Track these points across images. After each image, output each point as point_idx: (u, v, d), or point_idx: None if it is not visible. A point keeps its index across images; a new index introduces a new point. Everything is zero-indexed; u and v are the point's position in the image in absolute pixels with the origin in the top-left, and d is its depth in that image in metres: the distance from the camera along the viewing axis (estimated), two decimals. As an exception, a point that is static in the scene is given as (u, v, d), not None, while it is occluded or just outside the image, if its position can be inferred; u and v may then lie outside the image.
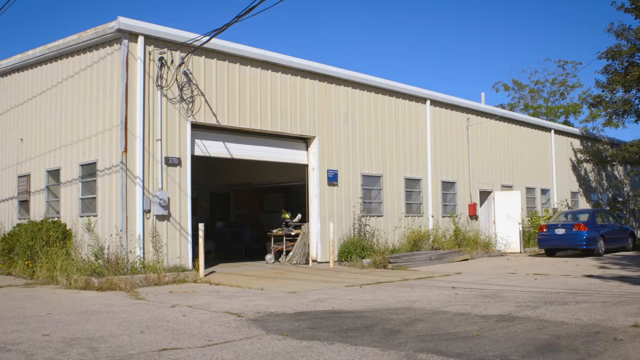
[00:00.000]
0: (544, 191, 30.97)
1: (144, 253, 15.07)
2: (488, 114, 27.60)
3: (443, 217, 24.29)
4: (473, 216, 25.78)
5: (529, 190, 29.86)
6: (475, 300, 11.15)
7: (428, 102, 24.16)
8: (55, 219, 17.35)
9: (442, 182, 24.54)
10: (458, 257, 21.60)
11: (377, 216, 21.58)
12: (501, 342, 7.39)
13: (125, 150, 15.03)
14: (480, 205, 26.59)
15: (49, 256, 15.41)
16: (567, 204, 32.03)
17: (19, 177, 19.85)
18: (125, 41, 15.22)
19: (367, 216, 20.99)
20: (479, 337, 7.68)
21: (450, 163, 25.10)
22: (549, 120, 40.55)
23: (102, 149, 16.01)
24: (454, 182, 25.15)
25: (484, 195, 26.94)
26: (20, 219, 19.34)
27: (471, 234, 24.47)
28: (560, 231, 23.06)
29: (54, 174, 18.11)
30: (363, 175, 21.18)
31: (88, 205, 16.56)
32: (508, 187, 27.95)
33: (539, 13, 79.33)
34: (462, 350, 6.98)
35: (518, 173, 29.12)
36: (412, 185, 23.27)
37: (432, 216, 23.73)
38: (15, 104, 20.40)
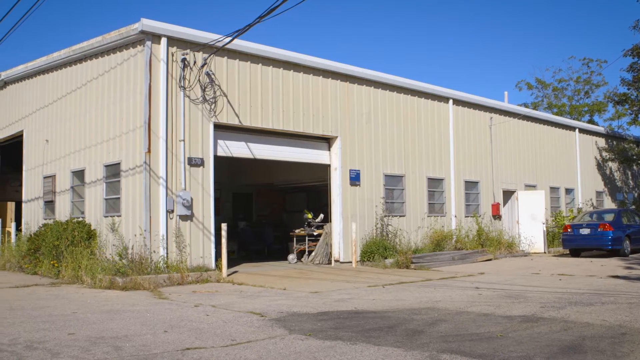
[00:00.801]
0: (569, 191, 30.67)
1: (167, 253, 15.17)
2: (511, 113, 27.39)
3: (466, 217, 24.15)
4: (496, 216, 25.61)
5: (553, 189, 29.58)
6: (499, 301, 11.07)
7: (450, 101, 24.04)
8: (80, 219, 17.52)
9: (465, 181, 24.41)
10: (481, 257, 21.46)
11: (400, 216, 21.51)
12: (525, 343, 7.33)
13: (149, 151, 15.14)
14: (504, 205, 26.40)
15: (74, 256, 15.57)
16: (592, 203, 31.68)
17: (45, 177, 20.08)
18: (149, 43, 15.33)
19: (389, 216, 20.94)
20: (502, 338, 7.63)
21: (473, 162, 24.95)
22: (573, 119, 40.15)
23: (126, 149, 16.14)
24: (477, 182, 25.00)
25: (508, 194, 26.75)
26: (45, 219, 19.56)
27: (494, 234, 24.29)
28: (585, 231, 22.81)
29: (79, 174, 18.29)
30: (385, 175, 21.13)
31: (112, 205, 16.71)
32: (532, 187, 27.72)
33: (562, 11, 78.62)
34: (485, 350, 6.94)
35: (542, 172, 28.86)
36: (435, 185, 23.17)
37: (455, 216, 23.61)
38: (40, 105, 20.65)
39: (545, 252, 25.23)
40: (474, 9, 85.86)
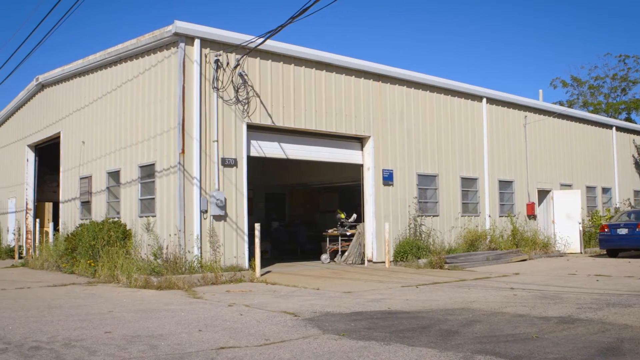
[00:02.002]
0: (605, 190, 30.17)
1: (201, 253, 15.28)
2: (546, 111, 27.04)
3: (500, 216, 23.92)
4: (531, 216, 25.31)
5: (590, 189, 29.12)
6: (534, 302, 10.94)
7: (484, 100, 23.82)
8: (116, 219, 17.75)
9: (499, 181, 24.17)
10: (516, 257, 21.22)
11: (433, 216, 21.38)
12: (562, 344, 7.23)
13: (183, 152, 15.27)
14: (539, 204, 26.08)
15: (109, 255, 15.77)
16: (630, 203, 31.12)
17: (81, 178, 20.39)
18: (182, 44, 15.46)
19: (422, 216, 20.83)
20: (538, 339, 7.53)
21: (508, 162, 24.70)
22: (610, 117, 39.48)
23: (160, 150, 16.30)
24: (512, 181, 24.74)
25: (543, 194, 26.42)
26: (82, 219, 19.86)
27: (529, 234, 24.01)
28: (622, 231, 22.41)
29: (114, 175, 18.53)
30: (418, 175, 21.02)
31: (147, 205, 16.89)
32: (567, 186, 27.34)
33: (598, 7, 77.37)
34: (521, 352, 6.86)
35: (578, 171, 28.43)
36: (469, 184, 22.99)
37: (489, 216, 23.40)
38: (77, 107, 20.97)
39: (581, 253, 24.86)
40: (507, 6, 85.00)
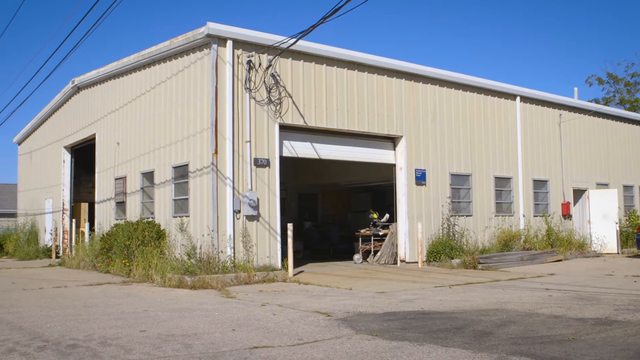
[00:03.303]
0: (643, 189, 29.62)
1: (234, 252, 15.37)
2: (581, 109, 26.64)
3: (535, 216, 23.64)
4: (566, 215, 24.97)
5: (627, 188, 28.61)
6: (570, 303, 10.78)
7: (518, 98, 23.56)
8: (150, 219, 17.94)
9: (534, 180, 23.88)
10: (551, 257, 20.95)
11: (466, 216, 21.22)
12: (599, 346, 7.11)
13: (216, 152, 15.37)
14: (574, 204, 25.71)
15: (144, 255, 15.96)
16: (669, 202, 30.50)
17: (116, 179, 20.65)
18: (215, 46, 15.56)
19: (455, 216, 20.68)
20: (575, 341, 7.42)
21: (542, 161, 24.40)
22: (648, 115, 38.70)
23: (193, 151, 16.43)
24: (546, 181, 24.43)
25: (578, 193, 26.04)
26: (117, 220, 20.11)
27: (564, 234, 23.69)
28: (661, 231, 21.98)
29: (149, 175, 18.73)
30: (451, 175, 20.88)
31: (180, 205, 17.04)
32: (604, 185, 26.90)
33: (636, 2, 76.01)
34: (557, 354, 6.76)
35: (614, 170, 27.95)
36: (502, 184, 22.76)
37: (524, 215, 23.14)
38: (111, 109, 21.25)
39: (618, 253, 24.45)
40: (541, 3, 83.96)
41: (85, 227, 22.40)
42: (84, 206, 26.08)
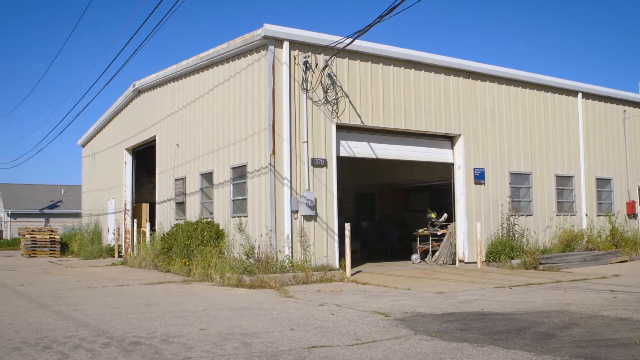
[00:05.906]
0: None
1: (292, 252, 15.44)
2: (647, 105, 25.82)
3: (598, 216, 23.02)
4: (631, 215, 24.23)
5: (697, 186, 27.58)
6: (637, 305, 10.45)
7: (579, 94, 22.98)
8: (209, 219, 18.17)
9: (597, 178, 23.26)
10: (615, 258, 20.35)
11: (527, 215, 20.81)
12: (668, 349, 6.87)
13: (274, 153, 15.47)
14: (640, 203, 24.96)
15: (203, 255, 16.19)
16: None
17: (176, 180, 21.01)
18: (271, 47, 15.67)
19: (515, 215, 20.31)
20: (642, 344, 7.19)
21: (605, 159, 23.74)
22: None
23: (251, 151, 16.58)
24: (610, 179, 23.76)
25: (644, 192, 25.26)
26: (177, 220, 20.45)
27: (630, 234, 23.00)
28: None
29: (207, 176, 18.99)
30: (511, 173, 20.51)
31: (239, 206, 17.21)
32: (671, 184, 26.02)
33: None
34: (623, 358, 6.55)
35: (683, 168, 26.99)
36: (564, 182, 22.24)
37: (586, 215, 22.56)
38: (171, 111, 21.63)
39: (687, 253, 23.60)
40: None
41: (146, 227, 22.87)
42: (145, 206, 26.63)
